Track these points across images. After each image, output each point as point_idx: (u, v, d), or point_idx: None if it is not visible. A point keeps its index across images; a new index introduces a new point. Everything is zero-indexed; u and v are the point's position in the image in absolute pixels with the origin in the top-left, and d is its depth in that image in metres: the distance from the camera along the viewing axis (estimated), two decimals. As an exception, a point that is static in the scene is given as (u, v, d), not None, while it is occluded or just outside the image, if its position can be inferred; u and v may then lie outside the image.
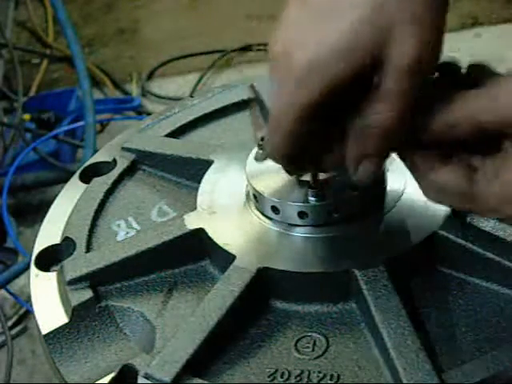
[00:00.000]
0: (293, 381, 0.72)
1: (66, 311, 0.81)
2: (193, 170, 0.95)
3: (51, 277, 0.86)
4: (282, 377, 0.72)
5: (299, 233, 0.81)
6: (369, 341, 0.74)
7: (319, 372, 0.72)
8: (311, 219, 0.80)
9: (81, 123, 2.43)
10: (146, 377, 0.72)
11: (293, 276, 0.78)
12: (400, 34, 0.64)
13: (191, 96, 1.13)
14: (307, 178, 0.80)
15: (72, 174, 1.02)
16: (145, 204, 0.95)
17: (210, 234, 0.83)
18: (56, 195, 0.99)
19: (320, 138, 0.71)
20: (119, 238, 0.90)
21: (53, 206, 0.97)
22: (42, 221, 0.95)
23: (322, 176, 0.79)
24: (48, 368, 0.82)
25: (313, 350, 0.75)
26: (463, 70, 0.69)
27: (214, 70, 3.10)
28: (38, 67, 3.15)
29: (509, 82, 0.63)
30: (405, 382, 0.68)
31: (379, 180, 0.82)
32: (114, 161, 1.01)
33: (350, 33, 0.65)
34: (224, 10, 3.31)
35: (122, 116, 2.76)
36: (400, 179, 0.85)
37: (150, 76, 3.13)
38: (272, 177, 0.83)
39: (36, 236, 0.92)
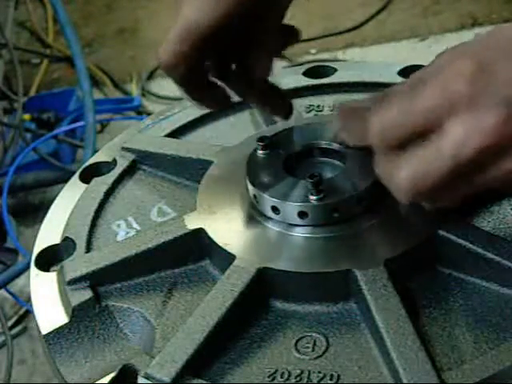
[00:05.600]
0: (293, 381, 0.72)
1: (66, 311, 0.81)
2: (193, 170, 0.95)
3: (51, 277, 0.86)
4: (281, 377, 0.72)
5: (299, 233, 0.81)
6: (369, 341, 0.74)
7: (319, 372, 0.72)
8: (311, 219, 0.80)
9: (81, 123, 2.43)
10: (146, 377, 0.72)
11: (293, 276, 0.78)
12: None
13: (191, 96, 1.13)
14: (307, 177, 0.80)
15: (72, 173, 1.02)
16: (145, 204, 0.95)
17: (210, 234, 0.83)
18: (56, 195, 0.99)
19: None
20: (119, 238, 0.90)
21: (53, 206, 0.97)
22: (41, 221, 0.95)
23: (322, 176, 0.79)
24: (48, 368, 0.82)
25: (313, 350, 0.75)
26: None
27: (214, 69, 3.09)
28: (38, 67, 3.15)
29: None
30: (405, 381, 0.68)
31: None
32: (114, 161, 1.01)
33: None
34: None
35: (122, 116, 2.76)
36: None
37: (150, 76, 3.13)
38: (272, 177, 0.83)
39: (36, 236, 0.92)
